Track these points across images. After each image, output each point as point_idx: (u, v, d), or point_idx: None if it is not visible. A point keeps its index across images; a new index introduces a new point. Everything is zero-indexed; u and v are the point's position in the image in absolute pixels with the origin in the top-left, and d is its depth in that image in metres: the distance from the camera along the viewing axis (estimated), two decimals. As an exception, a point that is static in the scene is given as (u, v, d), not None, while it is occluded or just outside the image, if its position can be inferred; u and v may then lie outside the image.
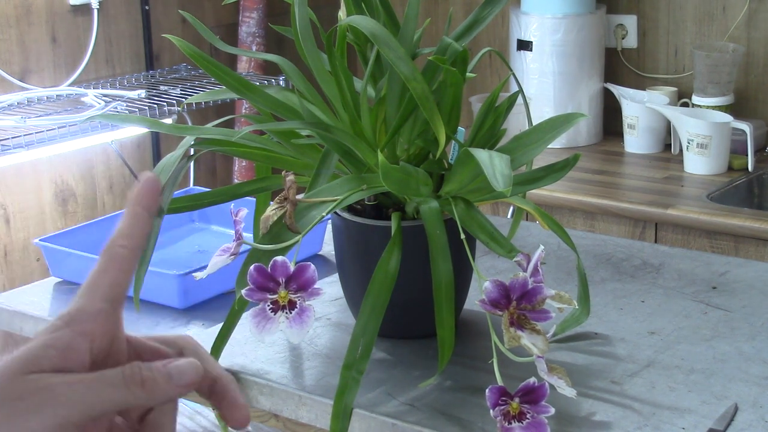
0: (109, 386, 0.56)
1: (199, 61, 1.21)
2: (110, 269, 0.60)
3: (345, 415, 1.07)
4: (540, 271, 1.06)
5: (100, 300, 0.59)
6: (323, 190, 1.15)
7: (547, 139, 1.17)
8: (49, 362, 0.56)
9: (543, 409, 1.02)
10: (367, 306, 1.10)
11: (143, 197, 0.63)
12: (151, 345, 0.62)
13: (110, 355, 0.59)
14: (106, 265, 0.60)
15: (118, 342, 0.60)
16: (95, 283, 0.60)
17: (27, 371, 0.55)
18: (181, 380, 0.58)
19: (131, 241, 0.61)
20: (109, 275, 0.60)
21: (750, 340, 1.28)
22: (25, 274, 2.86)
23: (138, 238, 0.61)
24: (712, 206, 2.48)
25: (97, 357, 0.58)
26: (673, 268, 1.51)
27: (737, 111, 2.83)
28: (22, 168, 2.81)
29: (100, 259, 0.61)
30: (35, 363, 0.56)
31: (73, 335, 0.57)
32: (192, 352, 0.62)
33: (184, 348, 0.62)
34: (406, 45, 1.19)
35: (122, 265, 0.60)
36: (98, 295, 0.59)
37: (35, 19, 2.82)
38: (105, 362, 0.59)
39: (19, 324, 1.44)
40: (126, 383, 0.56)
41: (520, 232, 1.53)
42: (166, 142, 3.12)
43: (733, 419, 1.10)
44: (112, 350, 0.59)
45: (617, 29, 3.06)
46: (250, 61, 3.15)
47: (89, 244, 1.54)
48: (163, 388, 0.57)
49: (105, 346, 0.58)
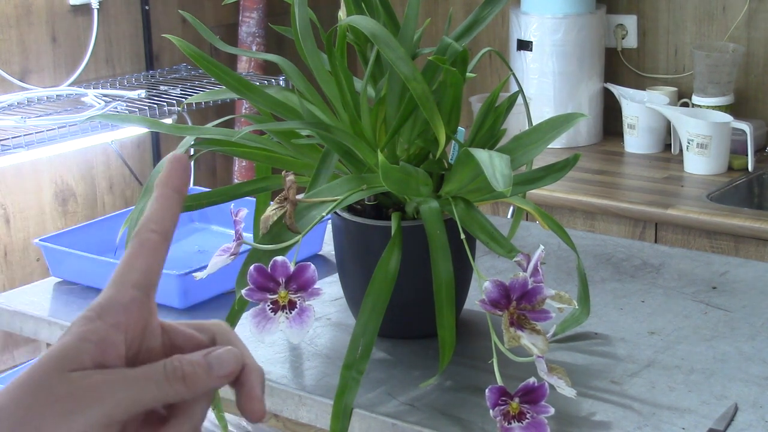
0: (151, 383, 0.55)
1: (199, 61, 1.21)
2: (141, 255, 0.58)
3: (345, 415, 1.07)
4: (540, 271, 1.06)
5: (132, 288, 0.57)
6: (323, 190, 1.15)
7: (547, 139, 1.17)
8: (88, 357, 0.55)
9: (543, 409, 1.02)
10: (367, 306, 1.10)
11: (172, 178, 0.60)
12: (185, 331, 0.60)
13: (144, 344, 0.58)
14: (136, 251, 0.58)
15: (152, 330, 0.58)
16: (126, 271, 0.57)
17: (68, 368, 0.54)
18: (221, 371, 0.57)
19: (162, 226, 0.59)
20: (140, 261, 0.58)
21: (750, 340, 1.28)
22: (25, 274, 2.86)
23: (169, 222, 0.59)
24: (712, 206, 2.48)
25: (131, 346, 0.57)
26: (673, 268, 1.51)
27: (737, 111, 2.83)
28: (22, 168, 2.81)
29: (130, 245, 0.58)
30: (75, 359, 0.54)
31: (106, 327, 0.56)
32: (225, 338, 0.60)
33: (216, 334, 0.60)
34: (406, 45, 1.19)
35: (154, 250, 0.58)
36: (129, 283, 0.57)
37: (35, 19, 2.82)
38: (140, 351, 0.58)
39: (19, 324, 1.44)
40: (168, 379, 0.55)
41: (520, 232, 1.53)
42: (166, 142, 3.12)
43: (733, 419, 1.10)
44: (146, 339, 0.58)
45: (617, 29, 3.06)
46: (250, 61, 3.15)
47: (89, 244, 1.54)
48: (204, 381, 0.56)
49: (139, 336, 0.57)
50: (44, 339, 1.43)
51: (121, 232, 1.18)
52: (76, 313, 1.41)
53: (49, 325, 1.41)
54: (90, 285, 1.49)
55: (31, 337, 1.45)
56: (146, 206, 0.60)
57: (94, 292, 1.47)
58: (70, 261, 1.50)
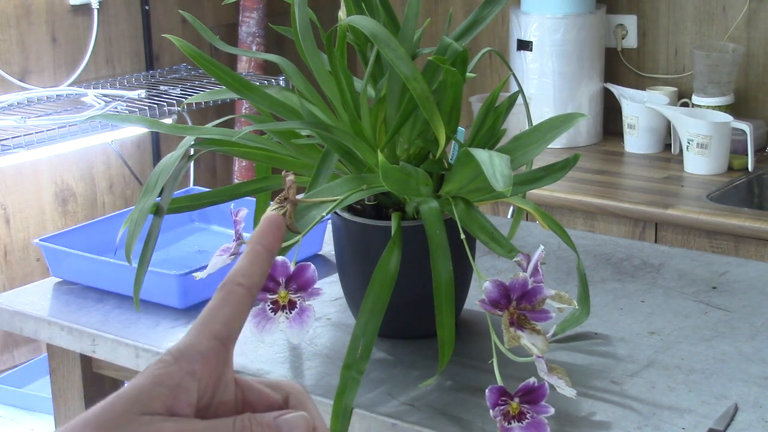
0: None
1: (199, 61, 1.21)
2: (225, 306, 0.58)
3: (345, 415, 1.07)
4: (540, 271, 1.06)
5: (211, 337, 0.57)
6: (323, 190, 1.15)
7: (547, 139, 1.17)
8: (160, 402, 0.54)
9: (543, 409, 1.02)
10: (367, 306, 1.10)
11: (266, 236, 0.61)
12: (259, 389, 0.60)
13: (217, 396, 0.57)
14: (221, 301, 0.58)
15: (225, 382, 0.58)
16: (208, 320, 0.57)
17: (139, 412, 0.53)
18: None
19: (249, 280, 0.59)
20: (223, 312, 0.58)
21: (750, 340, 1.28)
22: (25, 274, 2.86)
23: (257, 277, 0.59)
24: (712, 206, 2.48)
25: (203, 396, 0.56)
26: (673, 268, 1.51)
27: (737, 111, 2.83)
28: (22, 168, 2.81)
29: (215, 295, 0.59)
30: (146, 403, 0.54)
31: (182, 374, 0.55)
32: (298, 400, 0.60)
33: (290, 395, 0.60)
34: (406, 45, 1.19)
35: (238, 303, 0.58)
36: (210, 332, 0.57)
37: (35, 19, 2.82)
38: (211, 404, 0.57)
39: (19, 324, 1.44)
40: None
41: (520, 232, 1.53)
42: (166, 142, 3.12)
43: (733, 419, 1.10)
44: (219, 390, 0.57)
45: (617, 29, 3.06)
46: (250, 61, 3.15)
47: (89, 244, 1.54)
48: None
49: (212, 386, 0.57)
50: (44, 339, 1.43)
51: (121, 232, 1.18)
52: (76, 313, 1.42)
53: (49, 325, 1.41)
54: (90, 285, 1.49)
55: (31, 337, 1.45)
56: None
57: (94, 292, 1.47)
58: (70, 261, 1.50)
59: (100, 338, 1.36)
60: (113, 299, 1.45)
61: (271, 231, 0.61)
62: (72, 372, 1.47)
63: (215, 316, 0.57)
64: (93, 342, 1.37)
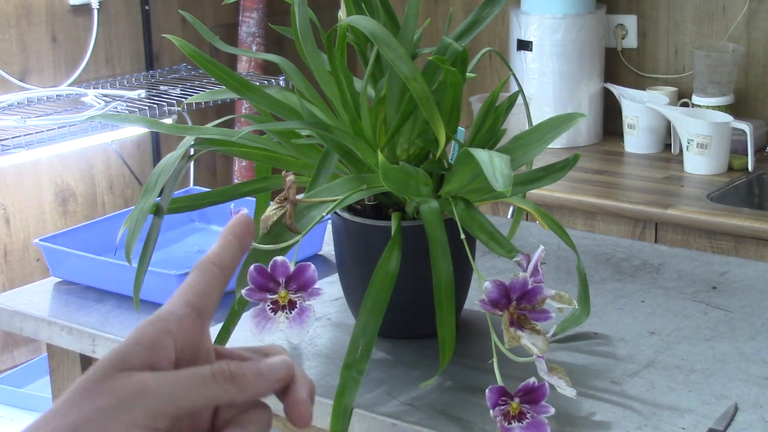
0: (198, 381, 0.56)
1: (199, 61, 1.21)
2: (199, 281, 0.61)
3: (345, 415, 1.07)
4: (540, 271, 1.06)
5: (186, 305, 0.60)
6: (323, 190, 1.15)
7: (547, 139, 1.17)
8: (138, 358, 0.56)
9: (543, 409, 1.02)
10: (367, 306, 1.10)
11: (234, 227, 0.64)
12: (240, 353, 0.62)
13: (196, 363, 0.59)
14: (196, 276, 0.61)
15: (206, 352, 0.60)
16: (183, 291, 0.61)
17: (117, 369, 0.56)
18: (272, 375, 0.59)
19: (221, 261, 0.62)
20: (198, 285, 0.61)
21: (750, 340, 1.28)
22: (25, 274, 2.86)
23: (229, 260, 0.63)
24: (712, 206, 2.48)
25: (181, 357, 0.58)
26: (673, 268, 1.51)
27: (737, 111, 2.83)
28: (22, 168, 2.81)
29: (191, 272, 0.62)
30: (125, 360, 0.56)
31: (156, 332, 0.58)
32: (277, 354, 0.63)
33: (270, 352, 0.63)
34: (406, 45, 1.19)
35: (212, 279, 0.61)
36: (185, 301, 0.60)
37: (35, 19, 2.82)
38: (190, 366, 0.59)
39: (19, 324, 1.44)
40: (215, 378, 0.56)
41: (520, 232, 1.53)
42: (166, 142, 3.12)
43: (733, 419, 1.10)
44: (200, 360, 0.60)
45: (617, 29, 3.06)
46: (250, 61, 3.15)
47: (89, 244, 1.54)
48: (253, 384, 0.58)
49: (189, 350, 0.59)
50: (44, 339, 1.43)
51: (121, 232, 1.18)
52: (76, 313, 1.42)
53: (49, 325, 1.41)
54: (90, 285, 1.49)
55: (31, 337, 1.45)
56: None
57: (94, 292, 1.47)
58: (70, 261, 1.50)
59: (100, 338, 1.36)
60: (113, 299, 1.45)
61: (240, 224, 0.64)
62: (72, 372, 1.47)
63: (191, 288, 0.61)
64: (93, 342, 1.37)
